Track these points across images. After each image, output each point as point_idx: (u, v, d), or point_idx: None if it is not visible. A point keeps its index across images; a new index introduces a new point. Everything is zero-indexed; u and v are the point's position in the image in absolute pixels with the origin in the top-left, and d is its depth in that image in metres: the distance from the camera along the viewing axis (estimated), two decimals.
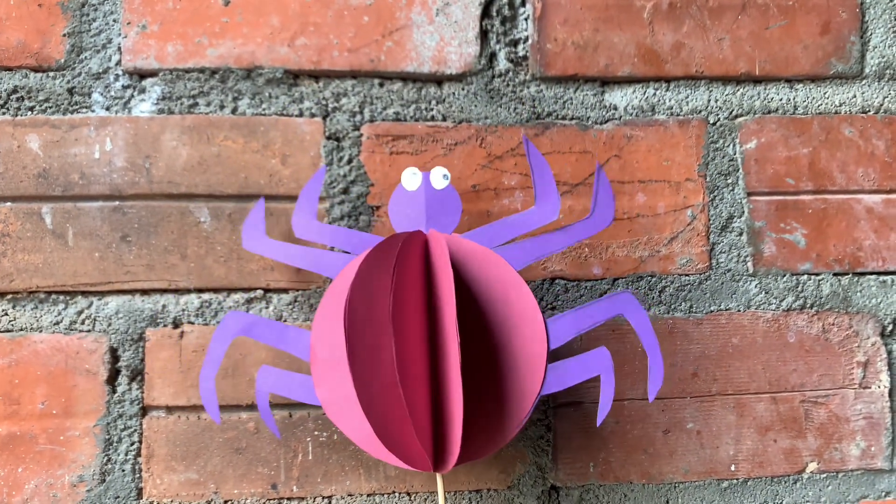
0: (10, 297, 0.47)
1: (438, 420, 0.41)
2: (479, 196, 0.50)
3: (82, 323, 0.47)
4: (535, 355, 0.41)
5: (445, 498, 0.42)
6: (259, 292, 0.48)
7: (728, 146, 0.52)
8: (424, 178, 0.45)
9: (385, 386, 0.38)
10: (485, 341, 0.41)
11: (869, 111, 0.53)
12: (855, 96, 0.53)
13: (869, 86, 0.54)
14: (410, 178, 0.45)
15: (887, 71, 0.54)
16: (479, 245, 0.42)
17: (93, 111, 0.48)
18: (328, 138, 0.49)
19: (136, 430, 0.47)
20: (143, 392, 0.47)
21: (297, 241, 0.47)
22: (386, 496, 0.48)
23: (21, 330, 0.47)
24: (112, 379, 0.47)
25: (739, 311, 0.51)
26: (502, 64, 0.51)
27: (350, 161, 0.49)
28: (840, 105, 0.53)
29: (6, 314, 0.47)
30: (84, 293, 0.47)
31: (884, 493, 0.52)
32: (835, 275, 0.52)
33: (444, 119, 0.50)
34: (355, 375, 0.37)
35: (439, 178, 0.45)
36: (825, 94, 0.53)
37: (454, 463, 0.39)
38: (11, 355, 0.47)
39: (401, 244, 0.40)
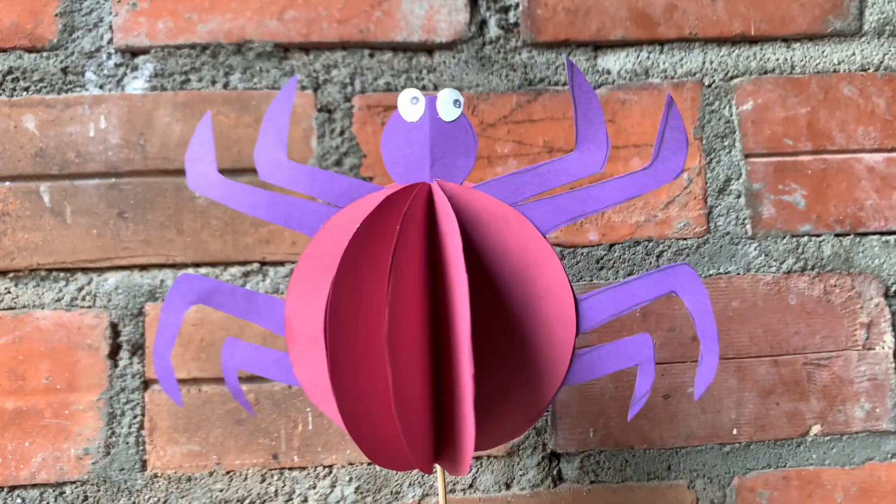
0: (11, 275, 0.48)
1: (441, 414, 0.35)
2: None
3: (83, 299, 0.48)
4: (560, 340, 0.34)
5: (446, 492, 0.36)
6: (255, 265, 0.49)
7: (724, 108, 0.52)
8: (428, 104, 0.35)
9: (374, 377, 0.33)
10: (500, 321, 0.35)
11: (868, 69, 0.52)
12: (854, 54, 0.52)
13: (868, 43, 0.53)
14: (409, 106, 0.34)
15: (887, 27, 0.53)
16: (498, 200, 0.34)
17: (86, 90, 0.48)
18: (319, 110, 0.49)
19: (138, 404, 0.48)
20: (144, 366, 0.48)
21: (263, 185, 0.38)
22: None
23: (24, 307, 0.48)
24: (113, 353, 0.48)
25: (739, 274, 0.51)
26: (493, 31, 0.50)
27: (342, 133, 0.49)
28: (839, 63, 0.52)
29: (9, 292, 0.48)
30: (84, 270, 0.48)
31: (889, 455, 0.51)
32: (836, 235, 0.52)
33: (436, 88, 0.50)
34: (334, 367, 0.31)
35: (448, 105, 0.35)
36: (823, 52, 0.52)
37: (468, 466, 0.33)
38: (15, 332, 0.47)
39: (404, 202, 0.32)
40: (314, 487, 0.48)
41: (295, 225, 0.36)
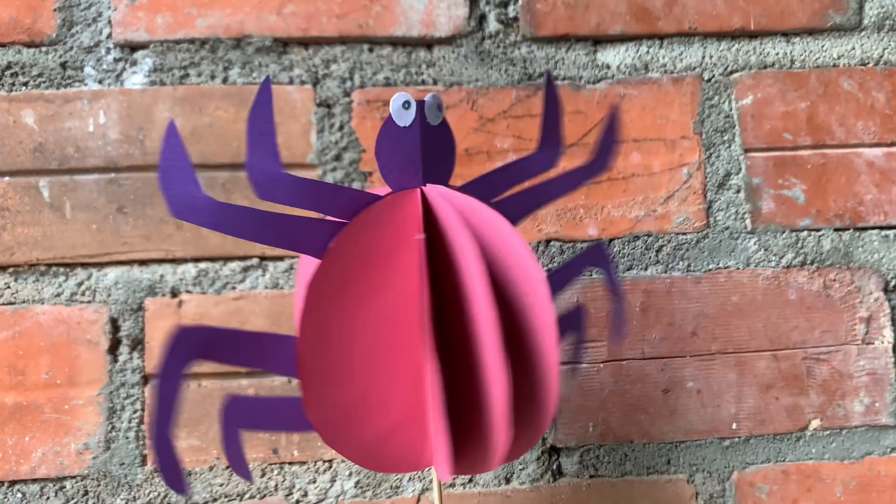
0: (11, 270, 0.48)
1: (460, 420, 0.34)
2: (471, 160, 0.50)
3: (83, 294, 0.48)
4: (545, 325, 0.34)
5: (441, 489, 0.36)
6: (255, 260, 0.49)
7: (724, 102, 0.51)
8: (418, 109, 0.34)
9: (369, 386, 0.32)
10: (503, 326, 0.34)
11: (868, 63, 0.52)
12: (854, 48, 0.52)
13: (868, 37, 0.53)
14: (401, 111, 0.34)
15: (887, 22, 0.52)
16: (480, 202, 0.34)
17: (86, 85, 0.48)
18: (319, 105, 0.49)
19: (138, 399, 0.48)
20: (143, 361, 0.48)
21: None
22: None
23: (23, 302, 0.48)
24: (113, 348, 0.48)
25: (738, 268, 0.51)
26: (492, 25, 0.50)
27: (341, 128, 0.49)
28: (838, 58, 0.52)
29: (8, 287, 0.48)
30: (83, 265, 0.48)
31: (889, 450, 0.51)
32: (835, 230, 0.52)
33: (435, 83, 0.50)
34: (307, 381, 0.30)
35: (434, 109, 0.35)
36: (823, 46, 0.52)
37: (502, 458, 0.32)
38: (15, 327, 0.47)
39: (402, 209, 0.33)
40: (314, 482, 0.48)
41: (303, 249, 0.32)
